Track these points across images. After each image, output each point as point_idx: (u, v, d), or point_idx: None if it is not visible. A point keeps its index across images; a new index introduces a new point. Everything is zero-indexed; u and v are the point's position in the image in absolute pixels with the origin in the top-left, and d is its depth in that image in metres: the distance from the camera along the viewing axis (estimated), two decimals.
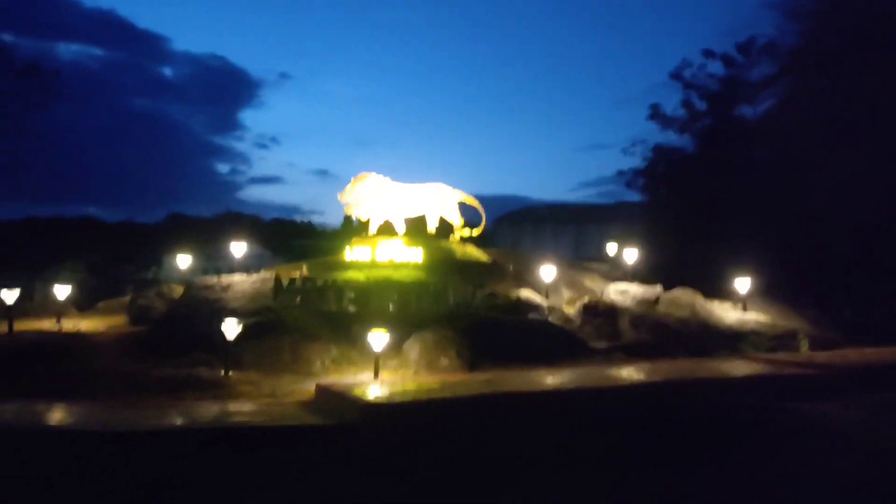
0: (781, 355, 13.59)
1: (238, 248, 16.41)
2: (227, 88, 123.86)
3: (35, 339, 12.36)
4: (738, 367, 12.26)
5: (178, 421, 8.78)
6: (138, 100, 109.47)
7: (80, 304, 16.12)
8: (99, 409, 9.48)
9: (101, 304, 16.69)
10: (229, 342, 11.48)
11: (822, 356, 13.54)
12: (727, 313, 15.39)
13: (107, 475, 7.48)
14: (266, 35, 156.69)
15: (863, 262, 18.42)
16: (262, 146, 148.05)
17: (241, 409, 9.59)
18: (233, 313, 12.46)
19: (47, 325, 13.83)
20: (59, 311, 14.47)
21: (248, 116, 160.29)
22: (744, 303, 15.49)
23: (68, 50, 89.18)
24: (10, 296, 13.50)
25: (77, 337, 12.66)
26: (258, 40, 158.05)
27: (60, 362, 11.42)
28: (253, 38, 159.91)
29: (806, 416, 9.30)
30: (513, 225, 36.28)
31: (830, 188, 17.41)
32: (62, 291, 14.52)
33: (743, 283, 15.48)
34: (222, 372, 11.22)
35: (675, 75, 26.64)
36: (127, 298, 16.74)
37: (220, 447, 8.10)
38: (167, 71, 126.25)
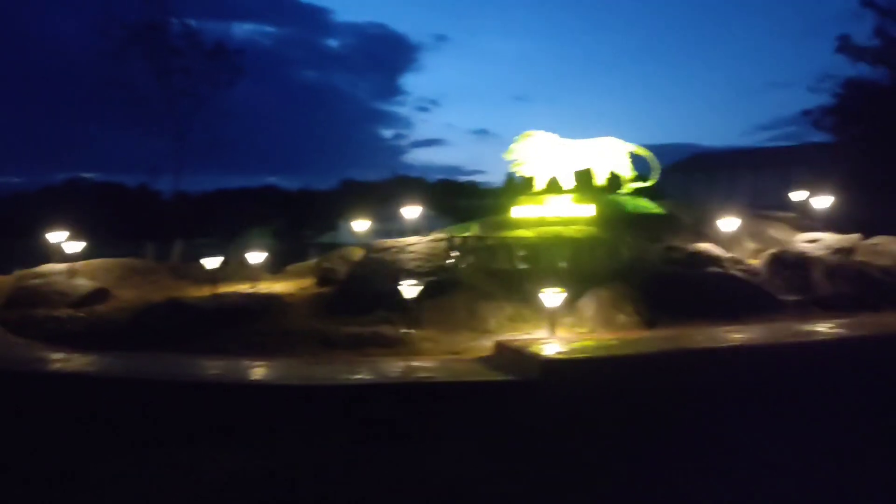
0: None
1: (410, 211, 16.91)
2: (387, 55, 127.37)
3: (236, 300, 13.38)
4: None
5: (370, 376, 9.27)
6: (307, 72, 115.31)
7: (270, 267, 17.26)
8: (297, 364, 10.24)
9: (289, 268, 17.80)
10: (409, 301, 11.91)
11: None
12: None
13: (301, 428, 8.03)
14: None
15: None
16: (423, 109, 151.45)
17: (424, 364, 9.98)
18: (410, 274, 12.93)
19: (243, 288, 14.94)
20: (253, 274, 15.66)
21: (408, 81, 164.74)
22: None
23: (242, 29, 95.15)
24: (214, 262, 14.92)
25: (272, 298, 13.60)
26: (415, 5, 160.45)
27: (258, 321, 12.39)
28: (410, 3, 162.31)
29: None
30: (684, 174, 34.57)
31: None
32: (256, 256, 15.67)
33: None
34: (403, 330, 11.67)
35: (867, 2, 24.22)
36: (312, 262, 17.77)
37: (409, 400, 8.47)
38: (332, 42, 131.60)
